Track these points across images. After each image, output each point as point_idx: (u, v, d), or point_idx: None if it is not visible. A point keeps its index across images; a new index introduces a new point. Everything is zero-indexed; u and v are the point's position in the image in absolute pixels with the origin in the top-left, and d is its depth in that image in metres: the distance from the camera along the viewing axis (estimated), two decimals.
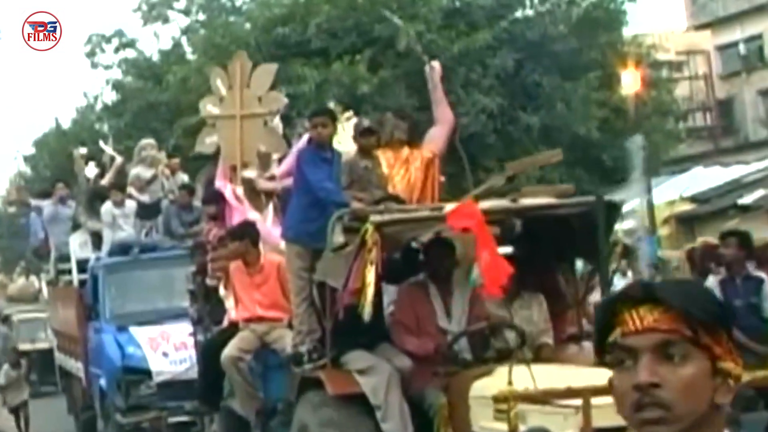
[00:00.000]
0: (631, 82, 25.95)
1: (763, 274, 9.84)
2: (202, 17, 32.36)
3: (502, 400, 6.51)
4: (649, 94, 28.11)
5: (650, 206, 23.44)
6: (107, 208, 16.05)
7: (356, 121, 10.09)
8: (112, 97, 32.14)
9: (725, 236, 10.04)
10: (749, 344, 8.57)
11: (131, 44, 31.77)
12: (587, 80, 26.11)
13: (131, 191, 16.41)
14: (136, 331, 14.66)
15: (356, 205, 8.25)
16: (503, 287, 7.45)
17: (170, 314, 14.28)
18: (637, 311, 2.08)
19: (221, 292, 10.82)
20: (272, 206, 11.08)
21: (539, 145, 23.49)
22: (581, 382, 6.33)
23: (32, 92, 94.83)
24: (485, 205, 7.95)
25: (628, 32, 29.45)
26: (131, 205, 16.14)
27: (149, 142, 17.56)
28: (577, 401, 6.26)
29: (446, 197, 9.21)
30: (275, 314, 9.89)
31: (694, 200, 25.47)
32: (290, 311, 9.18)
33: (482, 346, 8.03)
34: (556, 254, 8.55)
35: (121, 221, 15.93)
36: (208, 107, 12.55)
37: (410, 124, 9.45)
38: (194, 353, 12.32)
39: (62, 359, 18.69)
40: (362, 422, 7.83)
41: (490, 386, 7.02)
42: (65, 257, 17.40)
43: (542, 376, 6.74)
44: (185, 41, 31.99)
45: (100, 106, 33.33)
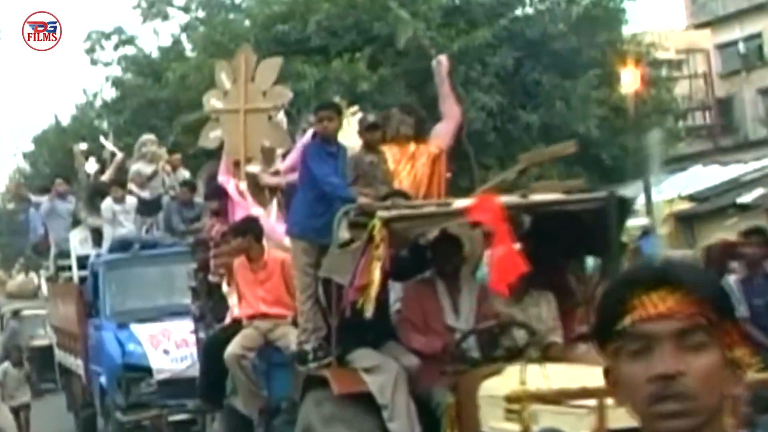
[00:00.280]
0: (630, 80, 25.89)
1: None
2: (201, 14, 32.27)
3: (515, 400, 6.38)
4: (648, 92, 28.08)
5: (649, 202, 23.38)
6: (107, 204, 15.98)
7: (361, 116, 10.00)
8: (111, 94, 32.11)
9: (748, 234, 9.78)
10: None
11: (131, 41, 31.68)
12: (587, 79, 26.09)
13: (132, 187, 16.33)
14: (136, 328, 14.60)
15: (362, 200, 8.14)
16: (510, 285, 7.34)
17: (171, 311, 14.24)
18: (650, 296, 1.96)
19: (224, 288, 10.75)
20: (276, 202, 10.99)
21: (538, 143, 23.45)
22: (592, 381, 6.17)
23: (32, 89, 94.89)
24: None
25: (627, 31, 29.47)
26: (132, 201, 16.07)
27: (150, 137, 17.45)
28: (589, 402, 6.14)
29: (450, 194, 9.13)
30: (279, 311, 9.79)
31: (692, 199, 25.41)
32: (294, 308, 9.09)
33: (491, 344, 7.91)
34: (565, 251, 8.43)
35: (121, 217, 15.86)
36: (211, 101, 12.46)
37: (416, 119, 9.34)
38: (195, 351, 12.26)
39: (62, 356, 18.64)
40: (368, 422, 7.71)
41: (500, 386, 6.92)
42: (65, 253, 17.35)
43: (552, 375, 6.64)
44: (185, 38, 31.93)
45: (99, 103, 33.27)
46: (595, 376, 6.31)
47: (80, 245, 16.83)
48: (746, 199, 23.28)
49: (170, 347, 14.24)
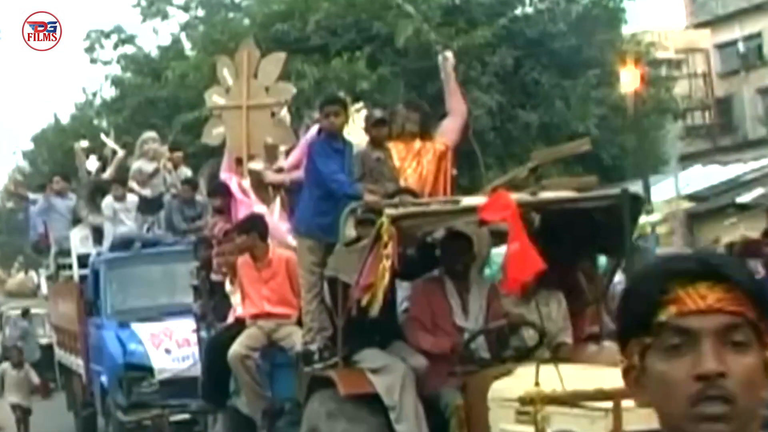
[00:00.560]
0: (630, 80, 25.93)
1: None
2: (201, 13, 32.34)
3: (528, 401, 6.25)
4: (647, 92, 28.10)
5: (648, 201, 23.38)
6: (108, 202, 15.87)
7: (368, 112, 9.88)
8: (111, 93, 32.17)
9: None
10: None
11: (130, 40, 31.69)
12: (586, 78, 26.16)
13: (133, 185, 16.21)
14: (137, 327, 14.50)
15: (369, 197, 8.03)
16: (524, 284, 7.24)
17: (173, 310, 14.12)
18: (696, 288, 1.80)
19: (227, 287, 10.64)
20: (279, 200, 10.87)
21: (538, 142, 23.44)
22: (604, 382, 6.06)
23: (31, 88, 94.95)
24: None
25: (627, 30, 29.59)
26: (133, 199, 15.95)
27: (151, 135, 17.30)
28: (605, 403, 6.03)
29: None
30: (283, 310, 9.65)
31: (692, 198, 25.43)
32: (299, 307, 8.99)
33: (501, 344, 7.83)
34: (576, 250, 8.32)
35: (122, 216, 15.75)
36: (213, 97, 12.31)
37: (422, 115, 9.18)
38: (197, 350, 12.17)
39: (62, 355, 18.55)
40: (375, 423, 7.62)
41: (511, 387, 6.82)
42: (65, 252, 17.25)
43: (564, 376, 6.54)
44: (184, 37, 32.00)
45: (99, 101, 33.31)
46: (607, 377, 6.28)
47: (81, 243, 16.72)
48: (745, 198, 23.34)
49: (172, 347, 14.14)
